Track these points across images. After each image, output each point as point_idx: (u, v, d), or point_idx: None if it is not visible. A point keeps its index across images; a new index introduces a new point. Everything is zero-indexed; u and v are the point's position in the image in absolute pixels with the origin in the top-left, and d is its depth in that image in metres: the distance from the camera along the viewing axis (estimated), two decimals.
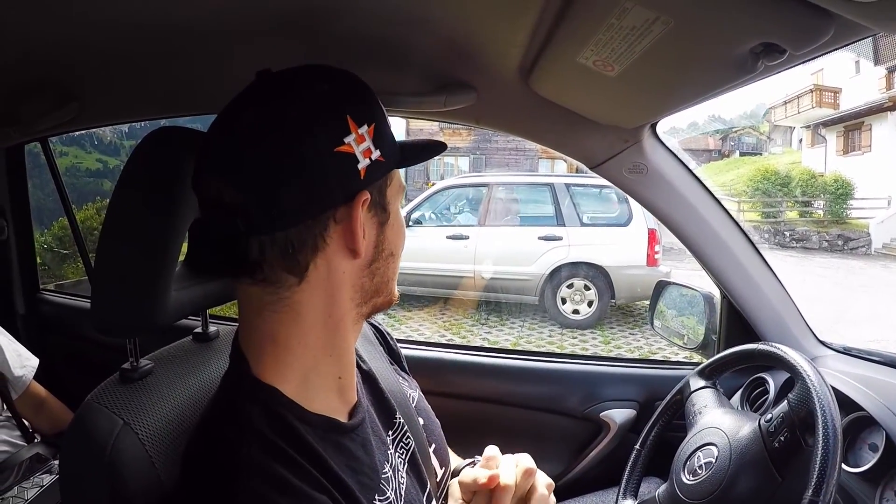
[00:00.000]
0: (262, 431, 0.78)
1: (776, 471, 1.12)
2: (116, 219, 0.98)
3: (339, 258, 0.83)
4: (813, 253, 15.37)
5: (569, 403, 1.86)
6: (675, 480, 1.27)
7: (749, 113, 44.40)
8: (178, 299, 1.02)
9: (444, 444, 1.18)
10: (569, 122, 1.44)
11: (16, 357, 2.01)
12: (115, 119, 2.10)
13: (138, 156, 0.97)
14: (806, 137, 24.68)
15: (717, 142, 31.75)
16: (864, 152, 19.66)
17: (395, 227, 0.93)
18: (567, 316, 7.95)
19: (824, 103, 23.66)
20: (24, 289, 2.63)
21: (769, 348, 1.29)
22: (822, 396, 1.09)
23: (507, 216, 8.61)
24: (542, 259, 7.94)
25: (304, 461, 0.78)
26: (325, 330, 0.86)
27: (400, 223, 0.95)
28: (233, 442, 0.77)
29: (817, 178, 19.03)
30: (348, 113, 0.80)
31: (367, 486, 0.85)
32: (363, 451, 0.89)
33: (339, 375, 0.90)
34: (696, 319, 1.91)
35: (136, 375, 1.01)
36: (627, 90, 1.16)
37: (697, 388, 1.42)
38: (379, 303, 0.94)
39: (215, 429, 0.82)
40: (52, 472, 1.84)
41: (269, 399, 0.82)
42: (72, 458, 0.95)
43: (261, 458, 0.75)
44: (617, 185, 1.59)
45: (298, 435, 0.80)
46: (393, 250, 0.92)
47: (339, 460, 0.83)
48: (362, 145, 0.81)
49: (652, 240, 7.57)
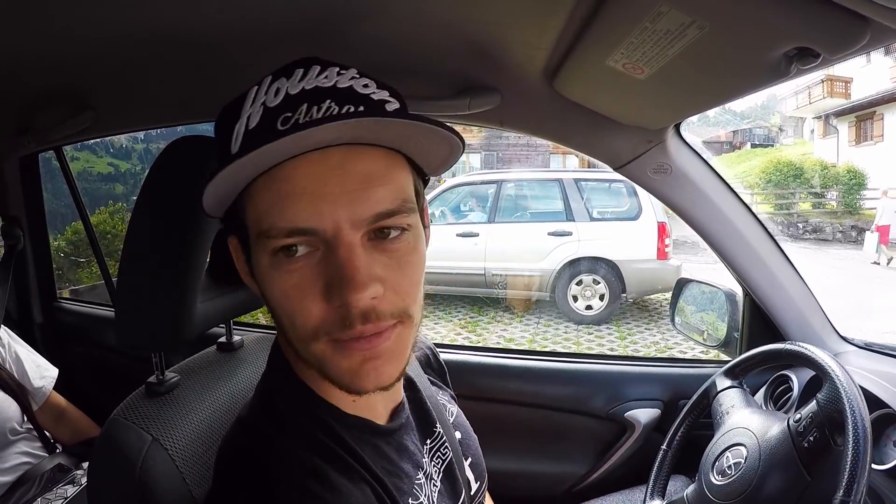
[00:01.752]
0: (300, 426, 0.79)
1: (805, 471, 1.12)
2: (139, 232, 0.98)
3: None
4: (827, 244, 15.24)
5: (593, 404, 1.86)
6: (704, 481, 1.27)
7: (760, 104, 44.00)
8: (203, 311, 1.02)
9: (481, 459, 1.15)
10: (593, 124, 1.44)
11: (35, 368, 2.02)
12: (131, 127, 2.12)
13: (159, 167, 0.98)
14: (817, 128, 24.43)
15: (728, 134, 31.50)
16: (877, 142, 19.44)
17: (261, 283, 0.75)
18: (579, 312, 7.91)
19: (836, 93, 23.42)
20: (42, 297, 2.64)
21: (797, 348, 1.29)
22: (851, 397, 1.09)
23: (516, 213, 8.56)
24: (552, 255, 7.90)
25: (343, 454, 0.79)
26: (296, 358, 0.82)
27: (261, 285, 0.75)
28: (271, 436, 0.78)
29: (830, 169, 18.86)
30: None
31: (400, 489, 0.85)
32: (397, 455, 0.89)
33: (352, 399, 0.84)
34: (717, 316, 1.90)
35: (162, 389, 1.01)
36: (655, 92, 1.15)
37: (724, 388, 1.42)
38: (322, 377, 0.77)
39: (254, 424, 0.82)
40: (74, 482, 1.84)
41: (306, 397, 0.83)
42: (101, 476, 0.95)
43: (300, 451, 0.76)
44: (642, 186, 1.58)
45: (336, 431, 0.81)
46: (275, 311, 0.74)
47: (374, 459, 0.83)
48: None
49: (662, 233, 7.52)
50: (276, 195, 0.68)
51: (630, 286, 7.81)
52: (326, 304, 0.68)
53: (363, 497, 0.77)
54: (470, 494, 1.06)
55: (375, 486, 0.80)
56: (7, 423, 1.83)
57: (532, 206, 8.64)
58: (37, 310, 2.62)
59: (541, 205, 8.52)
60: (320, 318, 0.69)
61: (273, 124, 0.67)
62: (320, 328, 0.69)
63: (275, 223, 0.67)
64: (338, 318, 0.68)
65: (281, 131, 0.64)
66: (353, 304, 0.66)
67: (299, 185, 0.67)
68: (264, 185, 0.68)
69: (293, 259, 0.69)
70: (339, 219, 0.67)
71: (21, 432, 1.88)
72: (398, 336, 0.73)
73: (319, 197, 0.67)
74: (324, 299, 0.68)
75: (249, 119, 0.69)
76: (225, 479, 0.78)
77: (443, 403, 1.12)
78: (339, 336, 0.69)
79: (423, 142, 0.73)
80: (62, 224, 8.53)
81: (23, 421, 1.90)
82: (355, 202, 0.68)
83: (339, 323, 0.68)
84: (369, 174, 0.69)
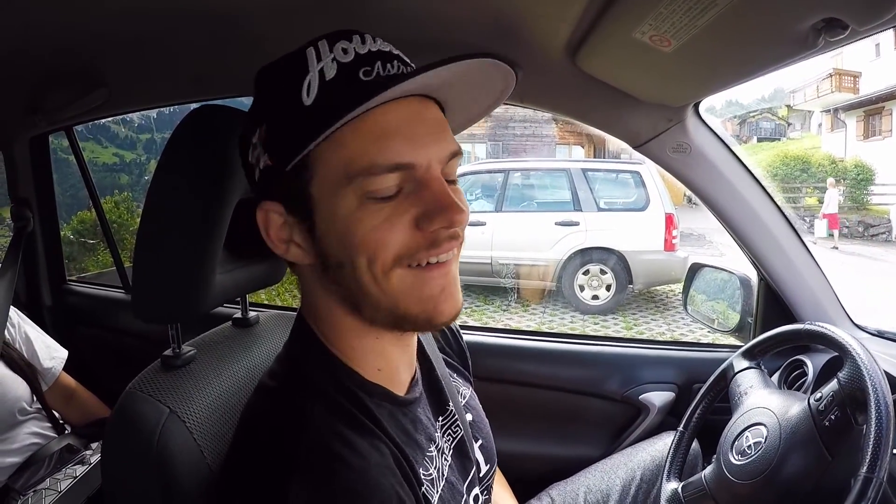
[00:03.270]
0: (325, 392, 0.81)
1: (826, 450, 1.11)
2: (158, 202, 0.97)
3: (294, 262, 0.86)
4: (832, 239, 15.19)
5: (608, 386, 1.85)
6: (723, 461, 1.26)
7: (767, 97, 43.93)
8: (221, 283, 1.01)
9: (492, 442, 1.17)
10: (614, 101, 1.43)
11: (45, 349, 2.02)
12: (144, 104, 2.11)
13: (179, 137, 0.97)
14: (825, 122, 24.36)
15: (734, 127, 31.30)
16: (885, 137, 19.37)
17: (332, 232, 0.78)
18: (585, 301, 7.91)
19: (844, 87, 23.33)
20: (51, 280, 2.64)
21: (817, 328, 1.28)
22: (873, 374, 1.08)
23: (524, 202, 8.55)
24: (559, 244, 7.90)
25: (365, 420, 0.81)
26: (328, 324, 0.87)
27: (343, 226, 0.76)
28: (296, 401, 0.80)
29: (837, 164, 18.79)
30: (250, 123, 0.82)
31: (415, 459, 0.87)
32: (412, 426, 0.91)
33: (377, 367, 0.89)
34: (728, 303, 1.90)
35: (178, 362, 1.00)
36: (681, 66, 1.14)
37: (742, 369, 1.41)
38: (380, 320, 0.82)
39: (278, 390, 0.84)
40: (84, 462, 1.84)
41: (332, 365, 0.85)
42: (117, 448, 0.93)
43: (325, 416, 0.78)
44: (660, 165, 1.57)
45: (359, 398, 0.83)
46: (342, 259, 0.78)
47: (392, 427, 0.85)
48: (255, 154, 0.80)
49: (669, 224, 7.50)
50: (372, 136, 0.73)
51: (637, 277, 7.80)
52: (416, 231, 0.76)
53: (384, 461, 0.79)
54: (479, 476, 1.07)
55: (396, 452, 0.82)
56: (16, 402, 1.83)
57: (540, 196, 8.63)
58: (46, 292, 2.62)
59: (548, 194, 8.51)
60: (406, 244, 0.76)
61: (354, 76, 0.74)
62: (404, 255, 0.76)
63: (375, 161, 0.73)
64: (425, 242, 0.76)
65: (367, 81, 0.74)
66: (455, 224, 0.76)
67: (393, 127, 0.74)
68: (354, 130, 0.73)
69: (382, 200, 0.75)
70: (430, 156, 0.77)
71: (31, 412, 1.88)
72: (456, 262, 0.84)
73: (411, 138, 0.75)
74: (414, 227, 0.76)
75: (324, 71, 0.74)
76: (249, 444, 0.80)
77: (455, 385, 1.13)
78: (423, 259, 0.77)
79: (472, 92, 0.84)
80: (67, 214, 8.55)
81: (32, 401, 1.90)
82: (438, 142, 0.78)
83: (425, 246, 0.77)
84: (438, 120, 0.81)
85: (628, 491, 1.50)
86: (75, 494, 1.72)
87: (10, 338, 1.94)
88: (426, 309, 0.80)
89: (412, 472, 0.84)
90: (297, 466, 0.72)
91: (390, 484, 0.77)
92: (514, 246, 8.10)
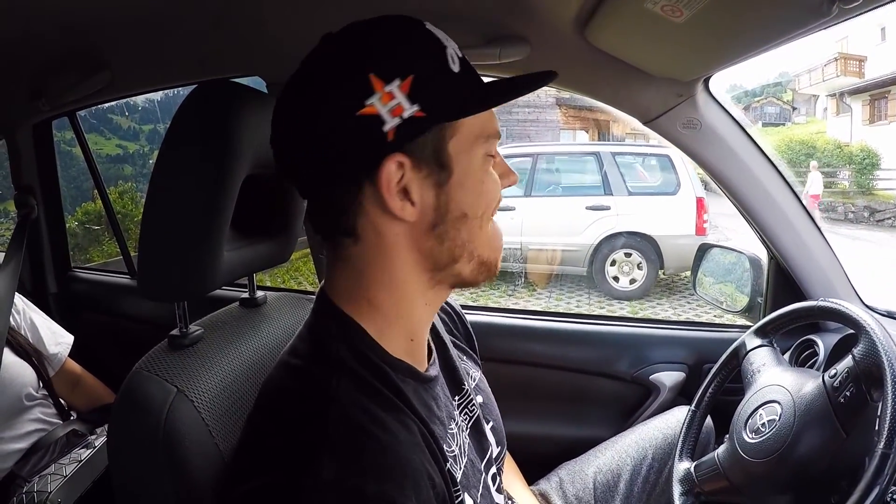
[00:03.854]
0: (352, 367, 0.81)
1: (841, 427, 1.10)
2: (164, 180, 0.94)
3: (386, 221, 0.82)
4: (838, 224, 15.15)
5: (618, 366, 1.85)
6: (737, 440, 1.25)
7: (772, 82, 43.64)
8: (229, 261, 0.99)
9: (501, 425, 1.17)
10: (623, 76, 1.41)
11: (50, 335, 2.02)
12: (147, 87, 2.08)
13: (184, 112, 0.94)
14: (831, 106, 24.26)
15: (739, 111, 31.28)
16: (891, 121, 19.30)
17: (467, 184, 0.84)
18: (616, 287, 7.81)
19: (849, 72, 23.25)
20: (56, 267, 2.63)
21: (831, 304, 1.27)
22: (888, 350, 1.07)
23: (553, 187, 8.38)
24: (590, 229, 7.75)
25: (392, 395, 0.82)
26: (388, 291, 0.86)
27: (476, 180, 0.85)
28: (322, 377, 0.79)
29: (843, 148, 18.73)
30: (371, 71, 0.77)
31: (440, 435, 0.87)
32: (434, 403, 0.91)
33: (410, 338, 0.90)
34: (738, 283, 1.88)
35: (186, 342, 0.99)
36: (692, 38, 1.13)
37: (754, 347, 1.40)
38: (466, 273, 0.88)
39: (303, 366, 0.84)
40: (89, 446, 1.83)
41: (360, 340, 0.85)
42: (125, 427, 0.91)
43: (351, 391, 0.78)
44: (670, 141, 1.55)
45: (385, 373, 0.83)
46: (466, 211, 0.84)
47: (417, 402, 0.86)
48: (390, 104, 0.77)
49: (700, 208, 7.39)
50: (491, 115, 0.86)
51: (668, 261, 7.70)
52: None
53: (411, 436, 0.80)
54: (493, 457, 1.07)
55: (423, 428, 0.83)
56: (23, 388, 1.83)
57: (569, 181, 8.48)
58: (51, 279, 2.62)
59: (578, 179, 8.38)
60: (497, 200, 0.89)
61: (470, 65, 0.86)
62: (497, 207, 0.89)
63: (494, 128, 0.86)
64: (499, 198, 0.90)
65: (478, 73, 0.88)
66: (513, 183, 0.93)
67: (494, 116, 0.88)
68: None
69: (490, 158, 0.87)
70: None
71: (37, 398, 1.88)
72: None
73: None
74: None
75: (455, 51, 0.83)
76: (273, 422, 0.80)
77: (465, 368, 1.13)
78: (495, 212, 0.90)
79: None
80: (72, 206, 8.56)
81: (38, 387, 1.89)
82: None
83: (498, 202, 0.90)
84: None
85: (639, 470, 1.49)
86: (81, 478, 1.71)
87: (16, 324, 1.94)
88: (497, 257, 0.91)
89: (438, 448, 0.84)
90: (326, 442, 0.72)
91: (420, 461, 0.78)
92: (544, 231, 7.95)
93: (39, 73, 1.80)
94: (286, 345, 0.91)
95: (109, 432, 0.94)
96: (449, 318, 1.23)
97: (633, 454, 1.52)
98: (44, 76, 1.81)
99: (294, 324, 1.19)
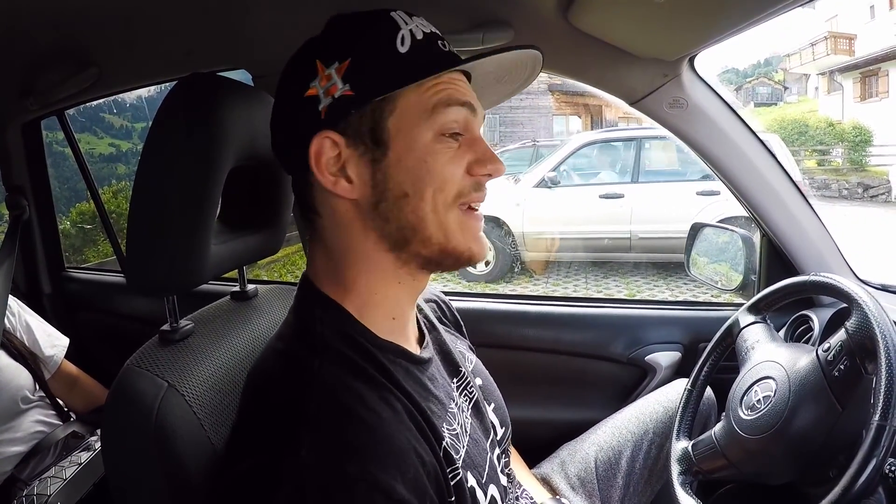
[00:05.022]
0: (339, 350, 0.83)
1: (837, 400, 1.10)
2: (149, 173, 0.94)
3: (333, 198, 0.86)
4: (832, 201, 15.17)
5: (613, 348, 1.85)
6: (733, 417, 1.25)
7: (762, 62, 43.54)
8: (217, 254, 0.99)
9: (503, 405, 1.18)
10: (608, 57, 1.41)
11: (46, 337, 2.01)
12: (136, 82, 2.07)
13: (169, 106, 0.94)
14: (822, 85, 24.26)
15: (731, 93, 31.21)
16: (882, 98, 19.31)
17: (406, 162, 0.83)
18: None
19: (839, 50, 23.25)
20: (50, 268, 2.61)
21: (822, 279, 1.27)
22: (881, 321, 1.07)
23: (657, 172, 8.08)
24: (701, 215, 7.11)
25: (380, 377, 0.83)
26: (357, 269, 0.89)
27: (417, 158, 0.83)
28: (311, 361, 0.81)
29: (835, 126, 18.74)
30: (317, 57, 0.85)
31: (435, 413, 0.88)
32: (430, 383, 0.92)
33: (391, 316, 0.92)
34: (730, 266, 1.89)
35: (176, 336, 0.99)
36: (674, 16, 1.13)
37: (748, 324, 1.40)
38: (427, 255, 0.87)
39: (290, 351, 0.86)
40: (89, 448, 1.83)
41: (346, 323, 0.87)
42: (116, 424, 0.92)
43: (336, 371, 0.80)
44: (657, 122, 1.55)
45: (371, 353, 0.85)
46: (407, 190, 0.83)
47: (408, 382, 0.86)
48: (327, 85, 0.83)
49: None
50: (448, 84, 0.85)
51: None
52: (466, 175, 0.86)
53: (395, 415, 0.80)
54: (496, 439, 1.07)
55: (409, 406, 0.83)
56: (19, 391, 1.82)
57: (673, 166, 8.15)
58: (45, 280, 2.60)
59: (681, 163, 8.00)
60: (462, 184, 0.86)
61: (435, 43, 0.87)
62: (461, 192, 0.86)
63: (452, 95, 0.84)
64: (472, 185, 0.87)
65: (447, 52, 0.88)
66: (498, 173, 0.88)
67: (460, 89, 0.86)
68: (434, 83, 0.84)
69: (450, 138, 0.85)
70: (479, 113, 0.90)
71: (34, 401, 1.87)
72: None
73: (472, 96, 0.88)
74: (466, 172, 0.86)
75: (413, 32, 0.85)
76: (259, 404, 0.82)
77: (460, 351, 1.13)
78: (470, 201, 0.87)
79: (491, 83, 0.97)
80: (66, 207, 8.52)
81: (35, 390, 1.89)
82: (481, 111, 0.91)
83: (472, 188, 0.87)
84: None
85: (640, 446, 1.49)
86: (81, 481, 1.70)
87: (11, 327, 1.92)
88: (470, 247, 0.88)
89: (430, 427, 0.84)
90: (308, 420, 0.74)
91: (405, 438, 0.78)
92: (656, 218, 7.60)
93: (27, 71, 1.79)
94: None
95: (103, 428, 0.94)
96: (437, 306, 1.24)
97: (633, 430, 1.52)
98: (31, 75, 1.80)
99: (285, 315, 1.19)
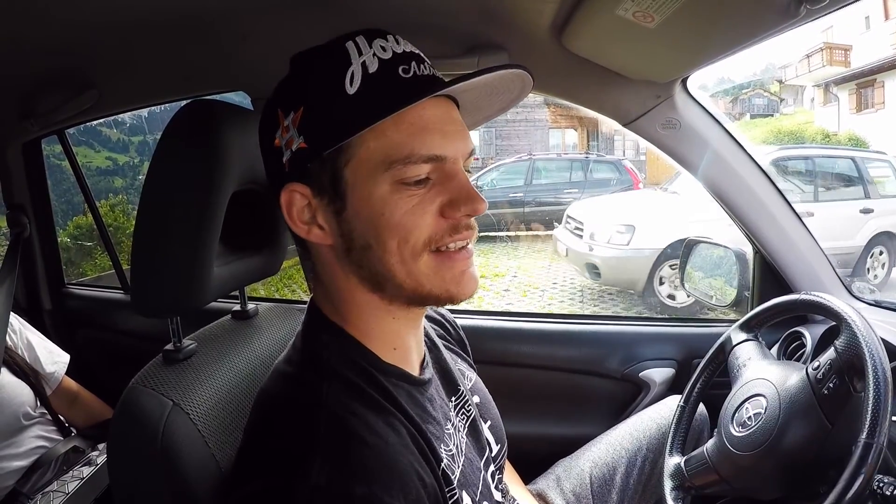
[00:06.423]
0: (344, 375, 0.84)
1: (826, 418, 1.12)
2: (153, 197, 0.97)
3: (313, 244, 0.88)
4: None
5: (608, 364, 1.86)
6: (724, 433, 1.26)
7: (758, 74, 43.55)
8: (219, 276, 1.01)
9: (500, 422, 1.20)
10: (601, 80, 1.43)
11: (47, 354, 2.02)
12: (135, 104, 2.09)
13: (172, 131, 0.96)
14: (818, 96, 24.28)
15: (727, 104, 31.11)
16: (878, 109, 19.29)
17: (364, 215, 0.81)
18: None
19: (835, 61, 23.25)
20: (50, 284, 2.63)
21: (812, 297, 1.28)
22: (869, 340, 1.08)
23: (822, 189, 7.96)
24: (862, 231, 7.41)
25: (383, 400, 0.84)
26: (350, 305, 0.90)
27: (374, 211, 0.80)
28: (313, 382, 0.82)
29: (831, 138, 18.74)
30: (279, 105, 0.84)
31: (434, 435, 0.89)
32: (430, 404, 0.94)
33: (393, 347, 0.92)
34: (725, 281, 1.90)
35: (180, 356, 1.01)
36: (665, 42, 1.15)
37: (740, 342, 1.42)
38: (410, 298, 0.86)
39: (295, 374, 0.87)
40: (90, 463, 1.84)
41: (351, 348, 0.88)
42: (122, 442, 0.93)
43: (341, 396, 0.81)
44: (651, 142, 1.57)
45: (375, 378, 0.86)
46: (370, 241, 0.82)
47: (410, 405, 0.88)
48: (286, 136, 0.83)
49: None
50: (413, 129, 0.79)
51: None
52: (440, 218, 0.82)
53: (399, 439, 0.82)
54: (491, 456, 1.09)
55: (412, 429, 0.85)
56: (20, 407, 1.83)
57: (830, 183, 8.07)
58: (45, 296, 2.61)
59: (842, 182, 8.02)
60: (433, 229, 0.82)
61: (394, 72, 0.80)
62: (431, 238, 0.82)
63: (414, 151, 0.78)
64: (448, 227, 0.82)
65: (407, 78, 0.80)
66: (476, 212, 0.83)
67: (430, 122, 0.80)
68: (396, 122, 0.78)
69: (413, 186, 0.80)
70: (457, 151, 0.83)
71: (35, 417, 1.88)
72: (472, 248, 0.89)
73: (446, 134, 0.82)
74: (439, 214, 0.82)
75: (366, 65, 0.79)
76: (268, 427, 0.83)
77: (460, 369, 1.14)
78: (446, 243, 0.83)
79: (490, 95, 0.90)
80: (63, 220, 8.52)
81: (36, 406, 1.90)
82: (463, 139, 0.85)
83: (448, 232, 0.82)
84: (460, 120, 0.86)
85: (634, 462, 1.50)
86: (83, 496, 1.71)
87: (13, 344, 1.94)
88: (448, 289, 0.85)
89: (430, 449, 0.86)
90: (318, 444, 0.75)
91: (409, 462, 0.80)
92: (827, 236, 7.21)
93: (28, 94, 1.81)
94: (278, 355, 0.93)
95: (109, 447, 0.96)
96: (440, 324, 1.25)
97: (627, 446, 1.53)
98: (32, 97, 1.82)
99: (285, 334, 1.21)
